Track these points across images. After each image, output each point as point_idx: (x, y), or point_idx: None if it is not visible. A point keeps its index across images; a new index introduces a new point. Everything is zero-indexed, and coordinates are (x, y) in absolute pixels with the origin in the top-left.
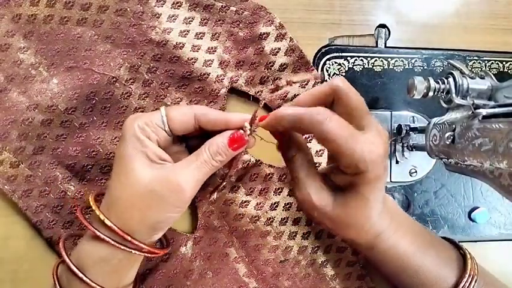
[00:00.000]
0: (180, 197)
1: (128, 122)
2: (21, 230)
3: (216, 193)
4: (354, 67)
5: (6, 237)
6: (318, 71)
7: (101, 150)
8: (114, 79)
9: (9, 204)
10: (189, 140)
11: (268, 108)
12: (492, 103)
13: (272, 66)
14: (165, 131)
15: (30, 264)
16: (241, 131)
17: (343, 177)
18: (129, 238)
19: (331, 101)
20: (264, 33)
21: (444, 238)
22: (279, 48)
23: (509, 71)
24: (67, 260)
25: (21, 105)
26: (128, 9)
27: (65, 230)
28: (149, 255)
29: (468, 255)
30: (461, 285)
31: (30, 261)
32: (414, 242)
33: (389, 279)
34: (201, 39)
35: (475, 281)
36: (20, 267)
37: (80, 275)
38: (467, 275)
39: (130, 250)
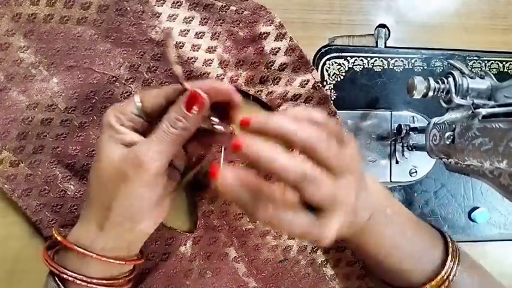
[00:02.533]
0: (141, 171)
1: (106, 113)
2: (21, 229)
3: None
4: (354, 67)
5: (6, 237)
6: (317, 71)
7: None
8: (114, 78)
9: (9, 203)
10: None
11: (268, 107)
12: (492, 103)
13: (272, 65)
14: (140, 117)
15: (30, 264)
16: (198, 90)
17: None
18: (90, 254)
19: None
20: (263, 33)
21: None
22: (279, 48)
23: (509, 71)
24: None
25: (21, 104)
26: (128, 8)
27: (64, 229)
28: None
29: (449, 240)
30: (444, 270)
31: (30, 261)
32: (397, 233)
33: (372, 270)
34: (201, 38)
35: (457, 265)
36: (20, 266)
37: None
38: (449, 261)
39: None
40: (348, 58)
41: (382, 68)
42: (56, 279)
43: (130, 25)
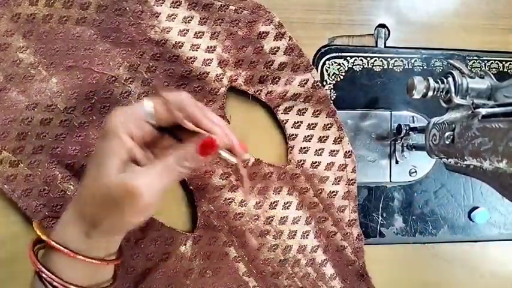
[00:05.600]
0: (135, 202)
1: (111, 117)
2: (21, 229)
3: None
4: (354, 67)
5: (6, 237)
6: (317, 71)
7: None
8: (114, 78)
9: (9, 204)
10: (180, 132)
11: (267, 106)
12: (492, 103)
13: (271, 65)
14: (151, 124)
15: (29, 264)
16: (213, 136)
17: None
18: (73, 255)
19: None
20: (263, 32)
21: None
22: (278, 47)
23: (508, 71)
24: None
25: (21, 104)
26: (127, 8)
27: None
28: (98, 262)
29: None
30: None
31: (30, 261)
32: None
33: None
34: (200, 38)
35: None
36: (20, 266)
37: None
38: None
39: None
40: (348, 58)
41: (381, 68)
42: (44, 280)
43: (130, 25)
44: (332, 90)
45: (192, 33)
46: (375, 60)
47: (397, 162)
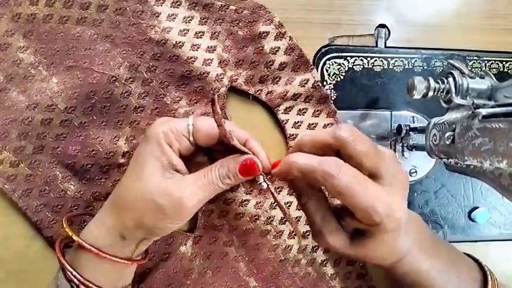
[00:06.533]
0: (179, 212)
1: (154, 125)
2: (21, 229)
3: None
4: (354, 67)
5: (6, 237)
6: (318, 71)
7: (100, 149)
8: (114, 78)
9: (9, 203)
10: (213, 152)
11: (267, 106)
12: (492, 103)
13: (272, 65)
14: (189, 140)
15: (30, 264)
16: (255, 159)
17: (359, 224)
18: (103, 255)
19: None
20: (263, 32)
21: (466, 254)
22: (279, 47)
23: (509, 71)
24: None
25: (21, 104)
26: (128, 8)
27: (65, 229)
28: (127, 262)
29: (489, 276)
30: None
31: (30, 261)
32: (436, 264)
33: None
34: (201, 38)
35: None
36: (20, 266)
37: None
38: None
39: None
40: (348, 58)
41: (382, 68)
42: (69, 277)
43: (130, 25)
44: (332, 90)
45: (192, 33)
46: (375, 60)
47: None
